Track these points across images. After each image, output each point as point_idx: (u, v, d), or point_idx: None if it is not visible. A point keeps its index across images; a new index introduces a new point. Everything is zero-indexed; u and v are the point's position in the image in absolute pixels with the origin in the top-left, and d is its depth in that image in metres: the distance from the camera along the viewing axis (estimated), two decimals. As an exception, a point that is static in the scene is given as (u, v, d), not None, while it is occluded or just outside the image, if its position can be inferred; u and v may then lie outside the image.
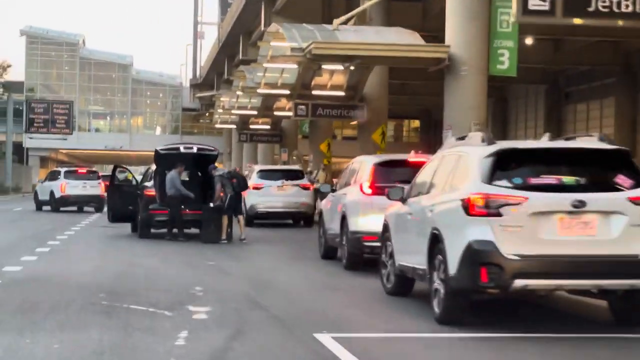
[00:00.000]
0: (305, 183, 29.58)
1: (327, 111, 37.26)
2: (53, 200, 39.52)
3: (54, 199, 39.42)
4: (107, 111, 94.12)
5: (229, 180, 21.69)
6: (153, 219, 22.62)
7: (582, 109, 57.66)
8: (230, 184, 21.65)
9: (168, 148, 23.08)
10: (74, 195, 39.18)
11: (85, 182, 39.65)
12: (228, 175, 21.80)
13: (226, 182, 21.64)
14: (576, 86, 54.43)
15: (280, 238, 24.19)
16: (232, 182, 21.71)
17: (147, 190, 22.98)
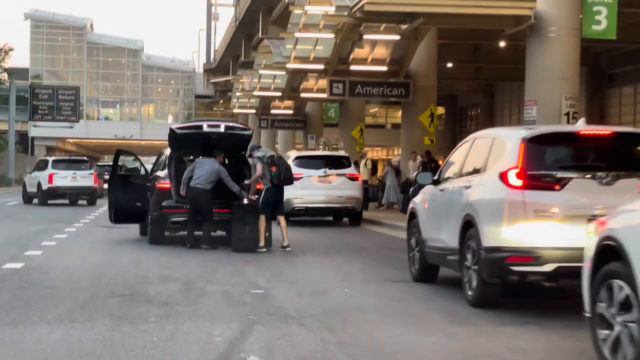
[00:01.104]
0: (353, 172, 23.80)
1: (367, 89, 31.46)
2: (40, 192, 34.60)
3: (41, 191, 34.46)
4: (116, 99, 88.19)
5: (267, 167, 15.92)
6: (167, 220, 16.90)
7: (629, 92, 54.93)
8: (269, 172, 15.89)
9: (187, 126, 17.27)
10: (63, 187, 34.78)
11: (75, 172, 35.13)
12: (268, 161, 15.99)
13: (265, 169, 15.90)
14: (621, 68, 50.41)
15: (330, 243, 18.38)
16: (271, 171, 15.92)
17: (159, 182, 17.21)
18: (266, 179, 15.89)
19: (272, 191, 16.04)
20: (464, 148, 10.94)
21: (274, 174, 15.91)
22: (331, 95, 31.55)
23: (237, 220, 15.90)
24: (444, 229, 10.53)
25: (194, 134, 16.92)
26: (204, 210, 16.33)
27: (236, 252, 15.64)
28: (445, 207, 10.63)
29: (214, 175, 16.26)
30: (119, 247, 17.04)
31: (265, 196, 15.94)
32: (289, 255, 15.41)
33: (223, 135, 16.98)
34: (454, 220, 10.11)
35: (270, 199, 16.02)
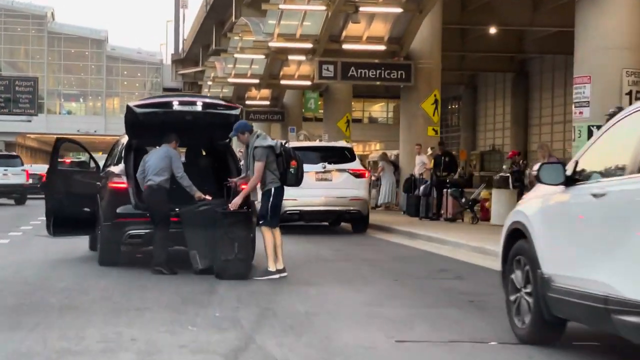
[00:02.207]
0: (358, 167, 19.06)
1: (362, 72, 26.79)
2: None
3: None
4: (79, 92, 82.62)
5: (282, 162, 11.23)
6: (124, 233, 12.06)
7: None
8: (283, 168, 11.17)
9: (151, 104, 12.30)
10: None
11: (6, 169, 31.66)
12: (281, 152, 11.25)
13: (271, 161, 11.18)
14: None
15: (340, 261, 13.61)
16: (290, 167, 11.15)
17: (112, 181, 12.32)
18: (272, 177, 11.18)
19: (280, 194, 11.34)
20: (626, 128, 6.21)
21: (293, 171, 11.20)
22: (320, 78, 26.81)
23: (223, 234, 11.13)
24: (607, 264, 5.81)
25: (161, 115, 12.10)
26: (154, 215, 11.70)
27: (220, 280, 10.92)
28: (611, 225, 5.91)
29: (162, 162, 11.64)
30: (54, 269, 12.20)
31: (275, 200, 11.21)
32: (294, 286, 10.64)
33: (201, 117, 12.20)
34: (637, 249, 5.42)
35: (280, 205, 11.33)
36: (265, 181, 11.16)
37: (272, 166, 11.16)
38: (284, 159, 11.24)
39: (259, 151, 11.03)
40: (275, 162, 11.19)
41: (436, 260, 13.49)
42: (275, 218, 11.30)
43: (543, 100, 59.35)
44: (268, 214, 11.20)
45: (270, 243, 11.21)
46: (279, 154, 11.23)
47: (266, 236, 11.20)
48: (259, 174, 11.04)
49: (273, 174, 11.19)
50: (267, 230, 11.21)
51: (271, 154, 11.14)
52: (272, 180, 11.19)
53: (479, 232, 17.42)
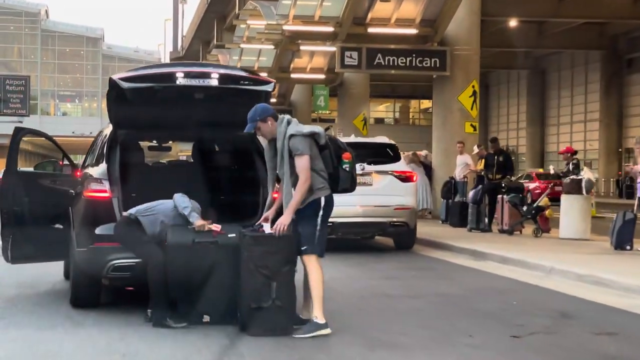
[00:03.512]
0: (404, 169, 15.18)
1: (390, 59, 22.95)
2: None
3: None
4: (74, 92, 78.49)
5: (318, 154, 7.36)
6: (104, 263, 8.11)
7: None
8: (331, 165, 7.38)
9: (144, 76, 8.27)
10: None
11: None
12: (326, 143, 7.37)
13: (315, 157, 7.33)
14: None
15: (414, 300, 9.68)
16: (341, 162, 7.39)
17: (89, 189, 8.37)
18: (319, 180, 7.35)
19: (333, 206, 7.53)
20: None
21: (347, 167, 7.41)
22: (343, 67, 22.93)
23: (252, 269, 7.27)
24: None
25: (158, 92, 8.21)
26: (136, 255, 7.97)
27: (247, 336, 7.10)
28: None
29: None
30: (3, 311, 8.34)
31: (325, 216, 7.39)
32: (360, 347, 6.77)
33: (217, 95, 8.32)
34: None
35: (325, 222, 7.51)
36: (312, 187, 7.33)
37: (317, 164, 7.34)
38: (332, 153, 7.43)
39: (298, 141, 7.19)
40: (320, 158, 7.37)
41: (542, 297, 9.61)
42: (323, 242, 7.46)
43: (562, 99, 56.02)
44: (316, 236, 7.35)
45: (320, 279, 7.35)
46: (324, 145, 7.41)
47: (313, 269, 7.35)
48: (308, 172, 7.19)
49: (320, 175, 7.34)
50: (313, 261, 7.36)
51: (314, 145, 7.33)
52: (320, 185, 7.35)
53: (561, 250, 13.56)
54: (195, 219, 7.81)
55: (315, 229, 7.31)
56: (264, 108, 7.53)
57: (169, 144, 10.79)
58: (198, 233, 7.76)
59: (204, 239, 7.72)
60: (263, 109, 7.51)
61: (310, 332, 7.18)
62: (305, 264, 7.36)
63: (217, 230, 7.79)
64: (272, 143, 7.51)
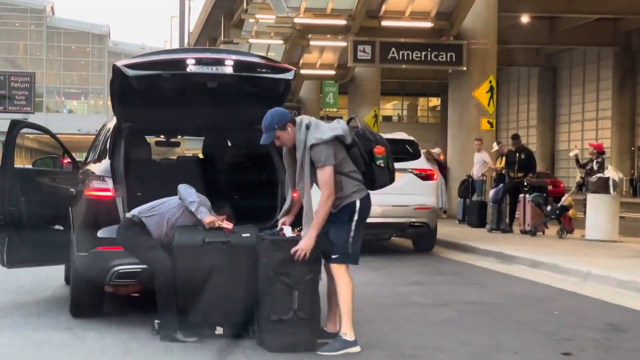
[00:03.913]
0: (425, 167, 14.36)
1: (405, 54, 22.16)
2: None
3: None
4: (80, 89, 77.77)
5: (346, 156, 6.53)
6: (107, 269, 7.32)
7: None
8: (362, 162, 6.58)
9: (151, 62, 7.41)
10: None
11: None
12: (353, 139, 6.51)
13: (343, 160, 6.50)
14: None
15: (444, 309, 8.85)
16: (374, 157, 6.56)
17: (90, 187, 7.54)
18: (353, 183, 6.54)
19: (370, 207, 6.74)
20: None
21: (382, 162, 6.61)
22: (355, 61, 22.14)
23: (272, 277, 6.48)
24: None
25: (167, 80, 7.40)
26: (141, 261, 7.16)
27: (264, 352, 6.32)
28: None
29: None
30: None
31: (361, 219, 6.61)
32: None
33: (231, 84, 7.52)
34: None
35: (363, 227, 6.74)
36: (343, 193, 6.52)
37: (347, 167, 6.51)
38: (362, 149, 6.61)
39: (320, 151, 6.33)
40: (349, 159, 6.55)
41: (584, 306, 8.79)
42: (357, 249, 6.66)
43: (573, 97, 55.11)
44: (349, 242, 6.55)
45: (350, 293, 6.55)
46: (352, 144, 6.59)
47: (342, 281, 6.53)
48: (331, 188, 6.35)
49: (352, 178, 6.53)
50: (343, 271, 6.55)
51: (340, 148, 6.49)
52: (354, 188, 6.54)
53: (594, 253, 12.74)
54: (204, 215, 6.99)
55: (349, 236, 6.51)
56: (282, 113, 6.57)
57: (179, 138, 10.01)
58: (208, 232, 6.93)
59: (215, 238, 6.88)
60: (281, 115, 6.56)
61: (337, 350, 6.38)
62: (334, 274, 6.54)
63: (229, 228, 6.98)
64: (292, 149, 6.68)
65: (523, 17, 40.89)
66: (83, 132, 71.07)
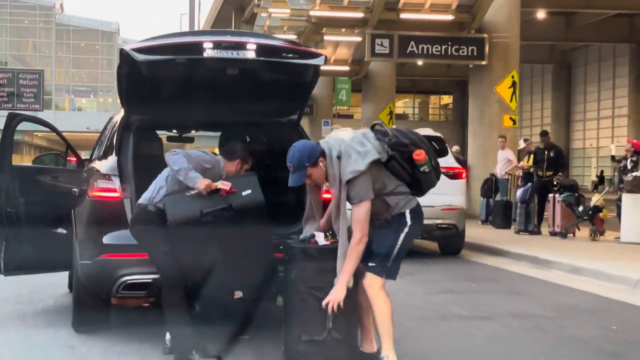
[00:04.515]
0: (453, 165, 13.48)
1: (424, 47, 21.20)
2: None
3: None
4: (89, 87, 77.00)
5: (386, 174, 5.60)
6: (114, 279, 6.41)
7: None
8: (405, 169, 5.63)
9: (163, 46, 6.68)
10: None
11: None
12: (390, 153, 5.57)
13: (385, 180, 5.56)
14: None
15: (489, 322, 7.95)
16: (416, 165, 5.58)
17: (95, 187, 6.66)
18: (399, 198, 5.58)
19: (422, 215, 5.85)
20: None
21: (426, 167, 5.70)
22: (373, 55, 21.22)
23: (303, 292, 5.59)
24: None
25: (181, 66, 6.51)
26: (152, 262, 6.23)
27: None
28: None
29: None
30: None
31: (413, 230, 5.66)
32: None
33: (254, 71, 6.62)
34: None
35: (415, 237, 5.86)
36: (392, 209, 5.61)
37: (390, 185, 5.60)
38: (400, 160, 5.64)
39: (358, 185, 5.41)
40: (389, 176, 5.62)
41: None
42: (399, 264, 5.75)
43: (588, 94, 54.05)
44: (392, 255, 5.65)
45: (387, 310, 5.63)
46: (390, 157, 5.63)
47: (377, 296, 5.58)
48: (365, 230, 5.40)
49: (397, 195, 5.60)
50: (378, 285, 5.60)
51: (378, 171, 5.55)
52: (402, 203, 5.61)
53: (637, 258, 11.81)
54: (195, 181, 5.93)
55: (394, 247, 5.59)
56: (311, 148, 5.58)
57: (193, 134, 9.13)
58: (203, 199, 5.88)
59: (213, 206, 5.87)
60: (310, 150, 5.56)
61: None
62: (368, 290, 5.61)
63: (226, 189, 5.96)
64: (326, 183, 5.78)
65: (539, 13, 39.96)
66: (92, 130, 70.33)
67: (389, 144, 5.62)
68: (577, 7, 39.52)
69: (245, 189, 6.01)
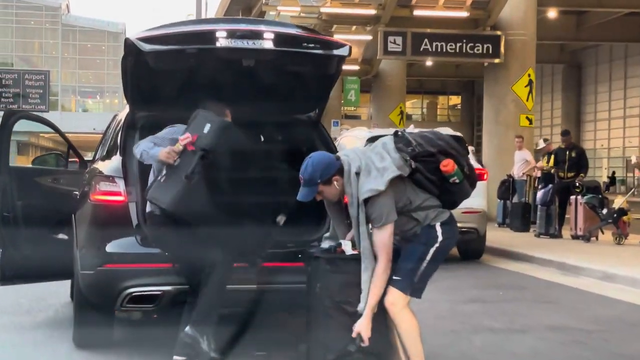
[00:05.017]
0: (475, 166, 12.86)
1: (439, 45, 20.62)
2: None
3: None
4: (95, 88, 76.51)
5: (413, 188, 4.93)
6: (118, 292, 5.79)
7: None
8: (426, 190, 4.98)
9: (171, 35, 6.10)
10: None
11: None
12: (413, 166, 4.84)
13: (410, 194, 4.91)
14: None
15: (526, 336, 7.32)
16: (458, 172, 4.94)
17: (99, 190, 6.03)
18: (428, 213, 4.94)
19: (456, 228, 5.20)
20: None
21: (457, 178, 5.01)
22: (386, 53, 20.63)
23: (331, 303, 4.98)
24: None
25: (191, 57, 5.91)
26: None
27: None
28: None
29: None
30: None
31: (445, 245, 5.01)
32: None
33: (271, 62, 6.02)
34: None
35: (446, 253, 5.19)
36: (422, 221, 4.98)
37: (416, 201, 4.95)
38: (426, 173, 4.96)
39: (377, 206, 4.81)
40: (415, 191, 4.97)
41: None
42: (425, 281, 5.09)
43: (598, 94, 53.38)
44: (419, 271, 5.01)
45: (414, 329, 4.98)
46: (414, 170, 4.94)
47: (401, 315, 4.92)
48: (389, 252, 4.84)
49: (425, 209, 4.96)
50: (402, 302, 4.93)
51: (401, 187, 4.91)
52: (432, 215, 4.98)
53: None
54: (156, 155, 5.47)
55: (421, 263, 4.95)
56: (326, 164, 4.95)
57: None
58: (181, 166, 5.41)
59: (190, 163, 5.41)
60: (325, 166, 4.94)
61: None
62: (389, 306, 4.95)
63: (188, 139, 5.44)
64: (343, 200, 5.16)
65: (550, 12, 39.35)
66: (98, 131, 69.88)
67: (412, 155, 4.92)
68: (590, 5, 38.90)
69: (204, 126, 5.48)
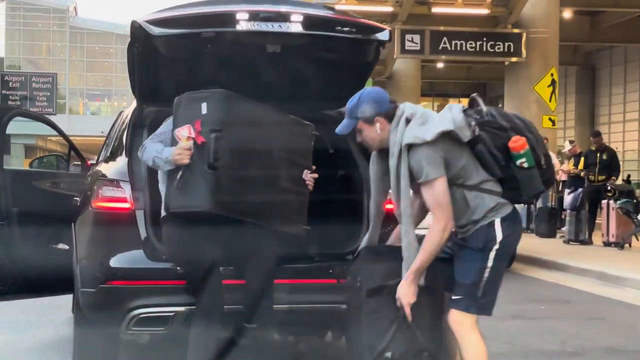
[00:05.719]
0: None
1: (458, 43, 19.85)
2: None
3: None
4: (103, 91, 75.93)
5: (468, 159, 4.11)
6: (123, 313, 4.99)
7: None
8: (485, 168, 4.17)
9: (184, 17, 5.33)
10: None
11: None
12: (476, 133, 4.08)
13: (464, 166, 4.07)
14: None
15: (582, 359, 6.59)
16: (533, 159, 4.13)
17: (101, 196, 5.30)
18: (485, 198, 4.12)
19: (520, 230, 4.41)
20: None
21: (526, 162, 4.10)
22: (403, 52, 19.85)
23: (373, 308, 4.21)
24: None
25: (208, 41, 5.15)
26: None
27: None
28: None
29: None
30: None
31: (505, 248, 4.18)
32: None
33: (299, 48, 5.25)
34: None
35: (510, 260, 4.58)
36: (474, 215, 4.16)
37: (473, 176, 4.14)
38: (491, 145, 4.16)
39: (421, 157, 4.03)
40: (475, 165, 4.17)
41: None
42: (494, 294, 4.30)
43: (613, 97, 52.57)
44: (482, 283, 4.20)
45: (482, 352, 4.23)
46: (474, 139, 4.19)
47: (468, 340, 4.17)
48: (449, 213, 4.04)
49: (484, 191, 4.16)
50: (469, 323, 4.19)
51: (457, 150, 4.12)
52: (491, 205, 4.15)
53: None
54: (168, 157, 4.71)
55: (482, 273, 4.15)
56: (376, 99, 4.30)
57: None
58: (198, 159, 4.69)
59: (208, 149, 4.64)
60: (373, 100, 4.29)
61: None
62: (455, 325, 4.20)
63: (193, 132, 4.68)
64: (382, 153, 4.36)
65: (565, 12, 38.59)
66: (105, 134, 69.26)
67: (479, 122, 4.14)
68: (606, 6, 38.16)
69: (200, 107, 4.73)
